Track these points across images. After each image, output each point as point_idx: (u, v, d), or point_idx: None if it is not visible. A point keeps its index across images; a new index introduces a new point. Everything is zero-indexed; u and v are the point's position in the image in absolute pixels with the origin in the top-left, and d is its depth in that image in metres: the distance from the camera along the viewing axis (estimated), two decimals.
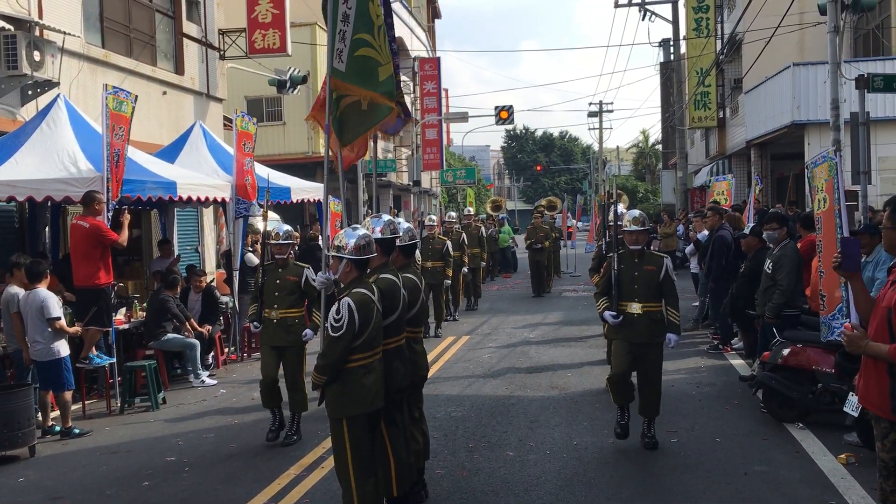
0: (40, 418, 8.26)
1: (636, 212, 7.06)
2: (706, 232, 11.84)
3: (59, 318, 8.04)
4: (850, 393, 6.43)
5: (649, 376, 6.86)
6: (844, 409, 6.57)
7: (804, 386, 7.33)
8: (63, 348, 8.14)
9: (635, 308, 6.76)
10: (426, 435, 6.02)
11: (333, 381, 4.95)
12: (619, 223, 7.17)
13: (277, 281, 7.65)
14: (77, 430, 8.14)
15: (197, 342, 10.33)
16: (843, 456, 6.38)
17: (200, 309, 11.18)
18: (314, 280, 7.63)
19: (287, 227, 8.03)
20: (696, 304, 14.11)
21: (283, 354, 7.58)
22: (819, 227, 7.44)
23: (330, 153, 6.53)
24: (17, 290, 8.25)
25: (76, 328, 8.52)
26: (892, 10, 18.23)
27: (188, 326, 10.40)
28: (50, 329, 7.97)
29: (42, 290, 8.08)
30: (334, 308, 4.89)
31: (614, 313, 6.77)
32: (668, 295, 6.84)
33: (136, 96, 9.82)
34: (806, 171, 8.16)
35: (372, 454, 5.11)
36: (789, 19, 16.43)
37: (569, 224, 28.64)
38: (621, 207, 7.69)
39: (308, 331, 7.60)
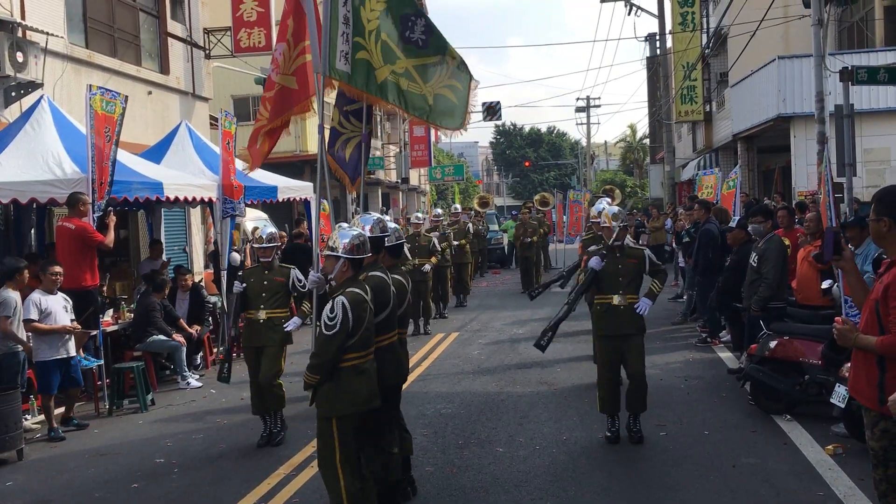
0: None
1: (614, 208, 7.20)
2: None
3: (32, 321, 8.04)
4: (837, 384, 6.47)
5: (634, 370, 6.91)
6: (831, 400, 6.60)
7: (791, 378, 7.36)
8: (44, 352, 8.12)
9: (617, 300, 6.83)
10: (407, 431, 6.04)
11: (326, 381, 4.93)
12: (598, 220, 7.30)
13: (264, 282, 7.61)
14: (61, 432, 8.14)
15: (181, 344, 10.26)
16: (830, 447, 6.42)
17: (188, 308, 11.14)
18: (300, 281, 7.63)
19: (271, 230, 8.01)
20: (684, 298, 14.17)
21: (262, 354, 7.49)
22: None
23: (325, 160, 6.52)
24: (11, 293, 8.13)
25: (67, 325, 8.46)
26: (875, 2, 18.32)
27: (180, 327, 10.39)
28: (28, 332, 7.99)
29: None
30: (328, 307, 4.85)
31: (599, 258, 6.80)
32: (659, 273, 6.97)
33: (126, 96, 9.74)
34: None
35: (359, 455, 5.09)
36: (774, 12, 16.49)
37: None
38: (606, 203, 7.71)
39: (293, 320, 7.52)
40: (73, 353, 8.38)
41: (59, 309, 8.26)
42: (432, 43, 6.99)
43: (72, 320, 8.38)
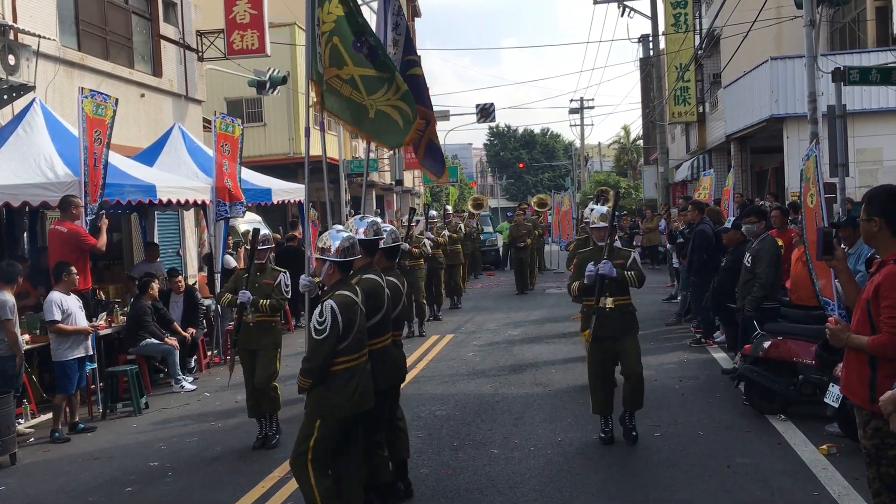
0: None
1: (602, 209, 7.15)
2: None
3: (55, 322, 8.20)
4: (831, 384, 6.49)
5: (631, 370, 6.89)
6: (825, 399, 6.62)
7: (785, 378, 7.38)
8: (65, 352, 8.26)
9: (608, 303, 6.81)
10: (405, 432, 6.03)
11: (319, 384, 4.92)
12: (588, 221, 7.27)
13: (256, 285, 7.59)
14: (65, 433, 8.18)
15: (174, 348, 10.21)
16: (824, 447, 6.43)
17: (182, 311, 11.10)
18: (287, 286, 7.63)
19: (265, 232, 7.99)
20: (678, 299, 14.18)
21: (257, 356, 7.49)
22: (816, 218, 7.52)
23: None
24: (8, 295, 8.07)
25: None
26: (867, 3, 18.37)
27: (174, 330, 10.37)
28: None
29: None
30: (317, 311, 4.85)
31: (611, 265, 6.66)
32: (636, 269, 6.82)
33: (117, 99, 9.72)
34: (801, 164, 8.26)
35: (331, 455, 5.03)
36: (766, 13, 16.52)
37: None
38: (599, 205, 7.74)
39: (244, 293, 7.51)
40: (91, 351, 8.59)
41: (76, 309, 8.41)
42: (378, 62, 6.99)
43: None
